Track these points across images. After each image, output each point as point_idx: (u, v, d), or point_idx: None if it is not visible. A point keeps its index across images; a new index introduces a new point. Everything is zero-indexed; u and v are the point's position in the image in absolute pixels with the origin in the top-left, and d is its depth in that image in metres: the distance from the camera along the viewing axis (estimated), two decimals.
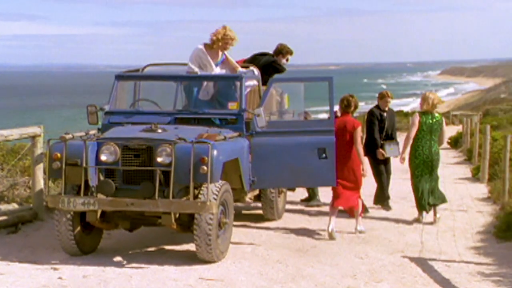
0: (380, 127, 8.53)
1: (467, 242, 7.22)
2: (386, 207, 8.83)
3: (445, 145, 23.15)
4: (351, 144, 7.21)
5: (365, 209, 8.23)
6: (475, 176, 12.79)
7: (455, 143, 22.56)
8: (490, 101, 68.17)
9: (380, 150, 8.49)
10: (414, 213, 8.65)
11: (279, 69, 7.70)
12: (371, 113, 8.68)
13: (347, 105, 7.36)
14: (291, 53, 7.87)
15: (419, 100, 8.97)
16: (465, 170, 14.31)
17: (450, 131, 29.64)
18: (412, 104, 75.38)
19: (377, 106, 8.69)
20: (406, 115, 39.96)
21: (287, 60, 7.86)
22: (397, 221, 8.24)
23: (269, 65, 7.67)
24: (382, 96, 8.68)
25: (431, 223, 7.98)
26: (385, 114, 8.59)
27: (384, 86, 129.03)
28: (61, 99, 76.19)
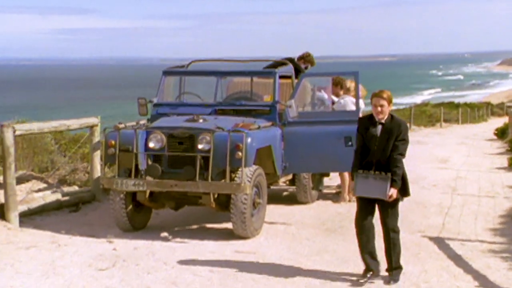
0: (364, 147, 5.29)
1: (487, 224, 7.69)
2: None
3: (491, 135, 23.30)
4: None
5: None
6: (511, 166, 13.07)
7: (501, 134, 22.56)
8: None
9: (351, 182, 5.46)
10: (443, 199, 9.18)
11: (299, 68, 8.38)
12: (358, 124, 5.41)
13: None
14: (312, 63, 8.54)
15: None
16: (504, 161, 14.56)
17: (498, 122, 29.53)
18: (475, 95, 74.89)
19: (371, 115, 5.32)
20: (457, 106, 39.68)
21: (306, 67, 8.54)
22: (424, 205, 8.76)
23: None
24: (372, 96, 5.28)
25: None
26: (378, 128, 5.22)
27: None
28: (118, 91, 78.40)
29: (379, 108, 5.17)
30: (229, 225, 7.03)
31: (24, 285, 5.20)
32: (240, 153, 6.51)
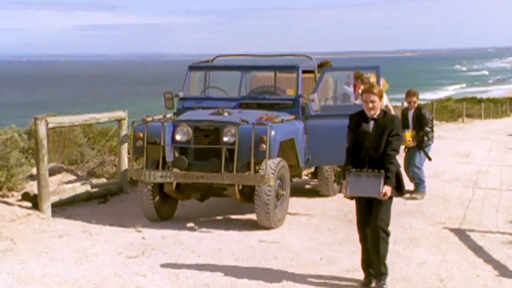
0: (355, 143, 5.08)
1: (508, 217, 7.77)
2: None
3: None
4: None
5: None
6: None
7: None
8: None
9: (343, 182, 5.13)
10: (465, 192, 9.26)
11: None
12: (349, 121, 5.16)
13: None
14: None
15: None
16: None
17: None
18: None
19: (362, 111, 5.11)
20: (480, 101, 39.37)
21: None
22: (445, 198, 8.86)
23: None
24: (362, 92, 5.13)
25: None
26: (370, 124, 5.02)
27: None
28: (141, 87, 79.07)
29: (370, 104, 4.95)
30: (253, 216, 7.21)
31: (59, 271, 5.44)
32: (264, 146, 6.69)
